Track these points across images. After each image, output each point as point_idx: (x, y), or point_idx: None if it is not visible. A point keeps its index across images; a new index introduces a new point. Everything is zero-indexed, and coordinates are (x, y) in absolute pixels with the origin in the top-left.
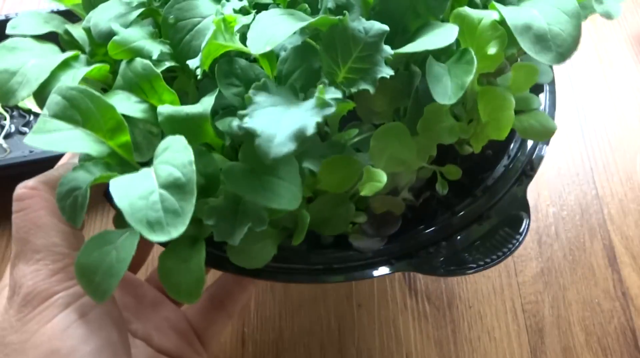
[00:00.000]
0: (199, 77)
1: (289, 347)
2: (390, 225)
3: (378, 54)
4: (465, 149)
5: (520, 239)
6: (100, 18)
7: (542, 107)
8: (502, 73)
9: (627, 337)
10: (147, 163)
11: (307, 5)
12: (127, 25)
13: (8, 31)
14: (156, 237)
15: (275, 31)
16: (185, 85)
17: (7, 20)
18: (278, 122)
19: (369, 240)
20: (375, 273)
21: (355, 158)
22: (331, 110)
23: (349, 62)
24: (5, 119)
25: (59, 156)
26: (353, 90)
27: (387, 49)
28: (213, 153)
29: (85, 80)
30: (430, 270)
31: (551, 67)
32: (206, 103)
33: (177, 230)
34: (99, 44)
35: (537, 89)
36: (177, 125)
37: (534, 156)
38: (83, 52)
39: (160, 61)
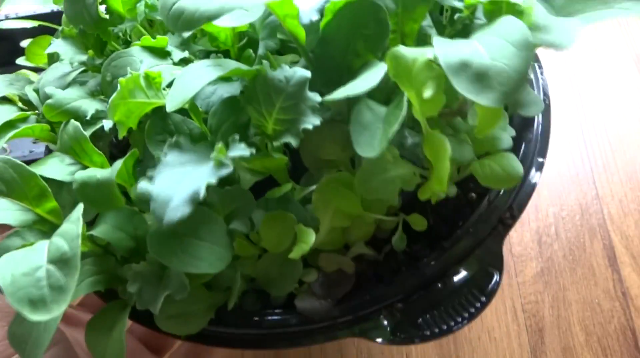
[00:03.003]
0: (120, 136)
1: None
2: (342, 284)
3: (302, 103)
4: (435, 199)
5: (484, 301)
6: (46, 80)
7: (531, 142)
8: (462, 112)
9: (627, 337)
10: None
11: (251, 52)
12: (66, 86)
13: None
14: (37, 316)
15: (194, 86)
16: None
17: (7, 20)
18: (178, 184)
19: (316, 301)
20: (320, 339)
21: (290, 215)
22: (227, 170)
23: (274, 114)
24: None
25: None
26: (276, 144)
27: (313, 97)
28: (147, 212)
29: None
30: (383, 337)
31: (546, 93)
32: (115, 166)
33: (59, 307)
34: None
35: (526, 122)
36: (90, 191)
37: (515, 202)
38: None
39: (96, 119)
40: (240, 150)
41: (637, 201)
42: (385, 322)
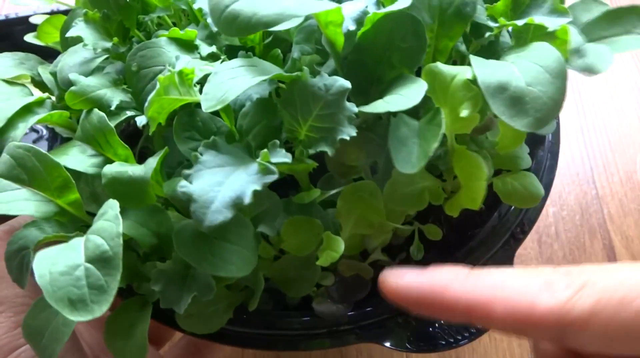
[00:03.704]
0: (150, 132)
1: None
2: (359, 289)
3: (340, 112)
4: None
5: None
6: (65, 63)
7: (542, 160)
8: (487, 129)
9: None
10: None
11: (279, 52)
12: (89, 73)
13: None
14: (78, 317)
15: (230, 86)
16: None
17: (6, 20)
18: (219, 186)
19: (333, 305)
20: (338, 343)
21: (316, 221)
22: (273, 177)
23: (310, 121)
24: None
25: None
26: (311, 151)
27: (350, 107)
28: (170, 209)
29: None
30: (397, 344)
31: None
32: (150, 165)
33: (100, 308)
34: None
35: (537, 140)
36: (121, 187)
37: (525, 216)
38: (52, 95)
39: (120, 110)
40: (281, 156)
41: (637, 201)
42: (400, 330)
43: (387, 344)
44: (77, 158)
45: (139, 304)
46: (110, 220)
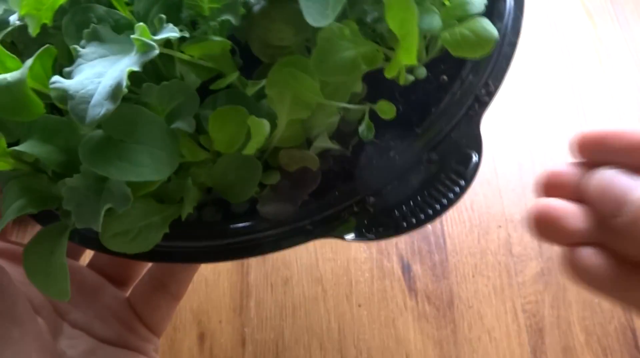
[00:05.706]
0: (33, 33)
1: (289, 346)
2: (307, 183)
3: None
4: (404, 79)
5: (464, 184)
6: None
7: (505, 13)
8: None
9: (627, 337)
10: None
11: None
12: None
13: None
14: None
15: None
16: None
17: None
18: (99, 78)
19: (279, 204)
20: (288, 243)
21: (240, 108)
22: (153, 53)
23: None
24: None
25: None
26: (213, 24)
27: None
28: None
29: None
30: (356, 234)
31: None
32: (27, 65)
33: None
34: None
35: None
36: (2, 98)
37: (490, 76)
38: None
39: (5, 23)
40: (169, 31)
41: None
42: (358, 218)
43: (347, 236)
44: None
45: (58, 230)
46: None
